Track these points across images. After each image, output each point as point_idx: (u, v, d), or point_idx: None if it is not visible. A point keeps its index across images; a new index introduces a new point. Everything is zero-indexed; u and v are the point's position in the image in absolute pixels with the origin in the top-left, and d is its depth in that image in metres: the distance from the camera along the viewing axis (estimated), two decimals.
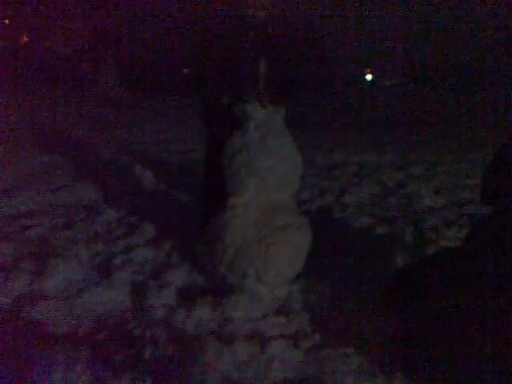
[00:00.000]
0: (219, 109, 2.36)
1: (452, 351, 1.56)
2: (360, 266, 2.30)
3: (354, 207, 3.49)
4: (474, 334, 1.53)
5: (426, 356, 1.61)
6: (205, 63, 2.66)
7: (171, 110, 9.70)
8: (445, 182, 4.36)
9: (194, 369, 1.48)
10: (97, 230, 2.58)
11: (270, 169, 2.05)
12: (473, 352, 1.52)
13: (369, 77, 24.27)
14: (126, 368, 1.48)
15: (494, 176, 1.58)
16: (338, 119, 10.26)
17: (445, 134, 8.10)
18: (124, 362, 1.53)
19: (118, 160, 4.52)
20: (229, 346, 1.60)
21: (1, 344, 1.59)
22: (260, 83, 2.40)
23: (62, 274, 1.98)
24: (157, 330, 1.69)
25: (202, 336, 1.66)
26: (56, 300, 1.79)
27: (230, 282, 1.99)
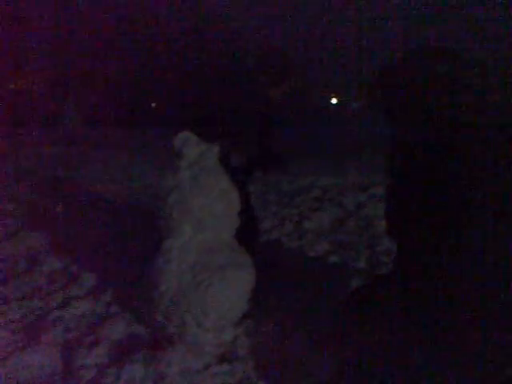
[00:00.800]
0: None
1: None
2: (311, 301, 2.23)
3: (313, 234, 3.45)
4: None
5: None
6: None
7: (138, 145, 9.61)
8: None
9: None
10: (35, 283, 2.43)
11: (205, 208, 1.98)
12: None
13: (334, 100, 24.83)
14: None
15: (392, 210, 1.57)
16: (305, 144, 10.37)
17: None
18: None
19: (74, 202, 4.36)
20: None
21: None
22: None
23: None
24: None
25: None
26: None
27: (170, 331, 1.88)
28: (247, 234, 2.14)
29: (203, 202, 1.98)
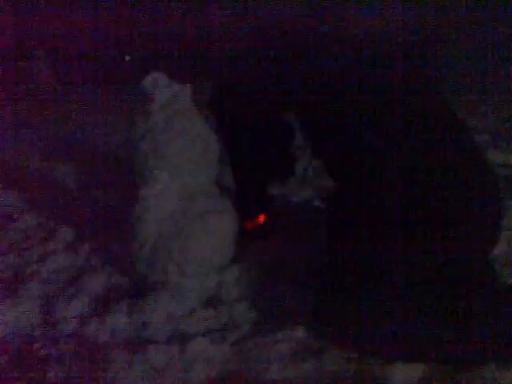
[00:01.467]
0: None
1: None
2: (297, 245, 2.20)
3: (297, 181, 3.40)
4: None
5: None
6: None
7: (113, 100, 9.21)
8: None
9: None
10: (11, 240, 2.34)
11: (182, 153, 1.88)
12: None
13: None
14: None
15: None
16: None
17: None
18: None
19: (49, 160, 4.18)
20: (143, 352, 1.47)
21: None
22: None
23: None
24: (65, 346, 1.53)
25: (114, 346, 1.51)
26: None
27: (152, 280, 1.84)
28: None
29: (179, 147, 1.87)
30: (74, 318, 1.67)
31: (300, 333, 1.56)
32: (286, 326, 1.61)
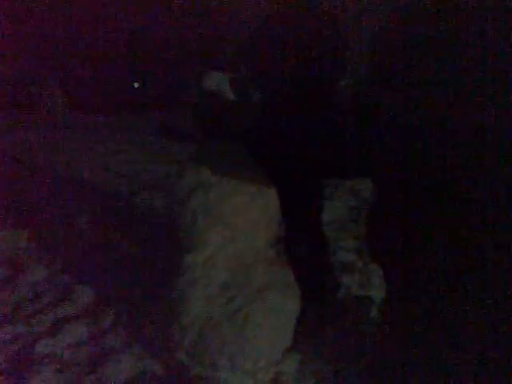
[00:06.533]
0: None
1: None
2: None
3: None
4: None
5: None
6: None
7: (122, 129, 8.94)
8: None
9: None
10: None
11: (235, 210, 1.52)
12: None
13: None
14: None
15: None
16: None
17: None
18: None
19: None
20: None
21: None
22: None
23: None
24: None
25: None
26: None
27: (194, 374, 1.45)
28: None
29: (232, 204, 1.51)
30: None
31: None
32: None
